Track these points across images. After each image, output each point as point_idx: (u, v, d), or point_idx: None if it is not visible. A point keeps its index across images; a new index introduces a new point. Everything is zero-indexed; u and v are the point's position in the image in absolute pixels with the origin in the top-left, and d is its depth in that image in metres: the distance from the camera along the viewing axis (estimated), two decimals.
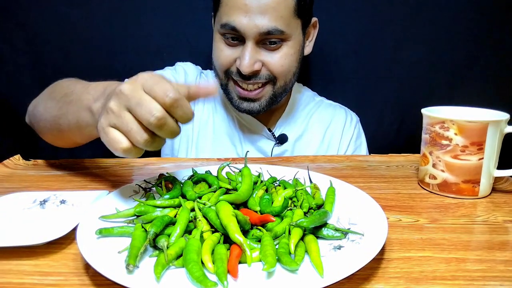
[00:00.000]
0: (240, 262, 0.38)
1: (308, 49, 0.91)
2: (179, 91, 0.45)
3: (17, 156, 0.79)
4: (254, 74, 0.81)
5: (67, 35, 1.09)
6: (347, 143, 0.99)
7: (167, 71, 0.96)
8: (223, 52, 0.83)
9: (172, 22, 1.10)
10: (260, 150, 0.95)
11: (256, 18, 0.76)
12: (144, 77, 0.46)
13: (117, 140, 0.45)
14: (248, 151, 0.69)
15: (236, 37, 0.80)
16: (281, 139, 0.94)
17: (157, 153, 0.99)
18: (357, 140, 1.01)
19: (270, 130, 0.95)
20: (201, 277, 0.34)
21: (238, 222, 0.43)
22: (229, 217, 0.42)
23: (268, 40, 0.79)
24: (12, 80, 1.12)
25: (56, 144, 0.75)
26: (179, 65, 0.99)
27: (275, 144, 0.94)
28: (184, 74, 0.96)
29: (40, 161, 0.79)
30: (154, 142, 0.46)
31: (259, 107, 0.86)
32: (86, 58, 1.11)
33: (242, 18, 0.76)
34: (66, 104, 0.63)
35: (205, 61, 1.02)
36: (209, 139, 0.95)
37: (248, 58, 0.78)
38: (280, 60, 0.81)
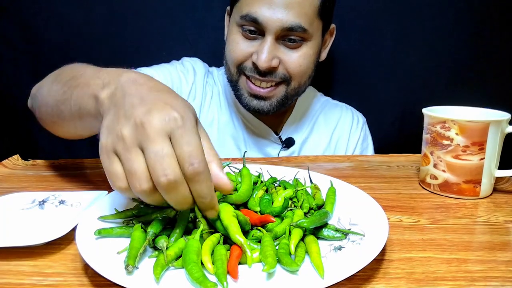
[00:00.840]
0: (240, 263, 0.38)
1: (323, 55, 0.89)
2: (208, 161, 0.39)
3: (16, 156, 0.79)
4: (270, 71, 0.78)
5: (67, 34, 1.09)
6: (354, 145, 0.97)
7: (176, 66, 0.92)
8: (239, 45, 0.79)
9: (172, 22, 1.09)
10: (266, 154, 0.93)
11: (280, 12, 0.73)
12: (176, 120, 0.37)
13: (116, 175, 0.38)
14: (246, 151, 0.67)
15: (255, 31, 0.77)
16: (288, 143, 0.92)
17: None
18: (364, 142, 0.99)
19: (276, 134, 0.93)
20: (201, 278, 0.34)
21: (239, 222, 0.42)
22: (230, 218, 0.42)
23: (288, 37, 0.77)
24: (11, 80, 1.12)
25: (57, 133, 0.68)
26: (187, 61, 0.95)
27: (281, 148, 0.92)
28: (193, 72, 0.93)
29: (39, 161, 0.78)
30: (153, 196, 0.38)
31: (270, 107, 0.83)
32: (86, 57, 1.09)
33: (265, 10, 0.74)
34: (71, 88, 0.54)
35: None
36: (213, 141, 0.93)
37: (267, 52, 0.75)
38: (299, 59, 0.79)
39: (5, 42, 1.09)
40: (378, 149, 1.00)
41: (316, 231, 0.44)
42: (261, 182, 0.58)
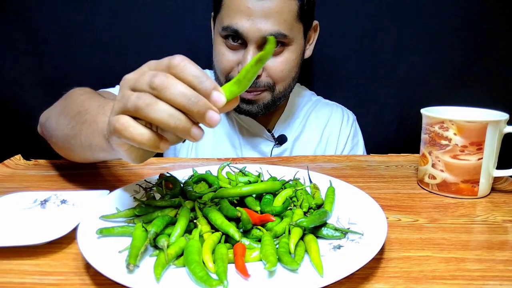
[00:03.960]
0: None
1: (308, 52, 0.91)
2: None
3: (18, 156, 0.79)
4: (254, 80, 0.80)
5: (68, 35, 1.09)
6: (344, 141, 1.00)
7: None
8: (224, 57, 0.81)
9: (172, 22, 1.10)
10: (260, 151, 0.95)
11: (259, 22, 0.75)
12: (144, 66, 0.42)
13: (139, 131, 0.38)
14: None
15: (238, 41, 0.79)
16: (281, 140, 0.94)
17: (158, 154, 1.00)
18: (354, 138, 1.01)
19: (269, 131, 0.95)
20: (205, 277, 0.35)
21: (242, 220, 0.43)
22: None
23: None
24: (14, 80, 1.12)
25: (69, 159, 0.70)
26: None
27: (274, 145, 0.94)
28: None
29: (41, 161, 0.79)
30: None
31: (258, 109, 0.85)
32: (87, 58, 1.11)
33: (244, 22, 0.75)
34: (79, 123, 0.56)
35: (205, 61, 1.02)
36: (209, 141, 0.95)
37: None
38: (281, 65, 0.81)
39: (7, 43, 1.09)
40: (377, 149, 1.00)
41: (316, 230, 0.44)
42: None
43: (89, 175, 0.71)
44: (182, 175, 0.61)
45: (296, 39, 0.81)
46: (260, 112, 0.86)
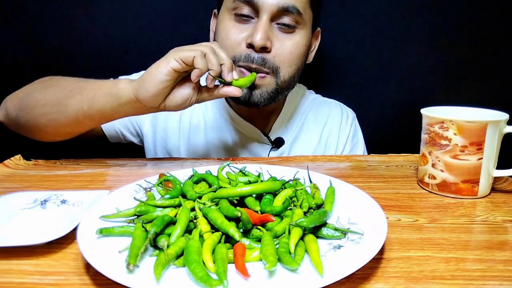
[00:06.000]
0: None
1: (309, 58, 0.89)
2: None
3: (18, 156, 0.79)
4: (263, 58, 0.76)
5: (68, 35, 1.09)
6: (344, 142, 0.97)
7: None
8: (231, 32, 0.77)
9: (172, 22, 1.10)
10: (256, 155, 0.92)
11: None
12: (174, 50, 0.63)
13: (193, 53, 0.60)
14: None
15: (248, 14, 0.76)
16: (278, 143, 0.91)
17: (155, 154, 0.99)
18: (354, 138, 0.99)
19: (265, 135, 0.91)
20: (205, 277, 0.35)
21: (242, 220, 0.43)
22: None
23: (283, 20, 0.75)
24: (14, 80, 1.12)
25: (45, 131, 0.73)
26: None
27: (271, 149, 0.91)
28: None
29: (40, 161, 0.79)
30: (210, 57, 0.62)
31: (260, 97, 0.78)
32: (87, 58, 1.11)
33: None
34: (79, 86, 0.68)
35: None
36: (201, 144, 0.92)
37: (263, 31, 0.73)
38: (291, 47, 0.77)
39: (6, 43, 1.09)
40: (377, 149, 1.00)
41: (316, 230, 0.44)
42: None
43: (88, 175, 0.71)
44: (182, 175, 0.61)
45: (306, 26, 0.80)
46: (262, 102, 0.79)
